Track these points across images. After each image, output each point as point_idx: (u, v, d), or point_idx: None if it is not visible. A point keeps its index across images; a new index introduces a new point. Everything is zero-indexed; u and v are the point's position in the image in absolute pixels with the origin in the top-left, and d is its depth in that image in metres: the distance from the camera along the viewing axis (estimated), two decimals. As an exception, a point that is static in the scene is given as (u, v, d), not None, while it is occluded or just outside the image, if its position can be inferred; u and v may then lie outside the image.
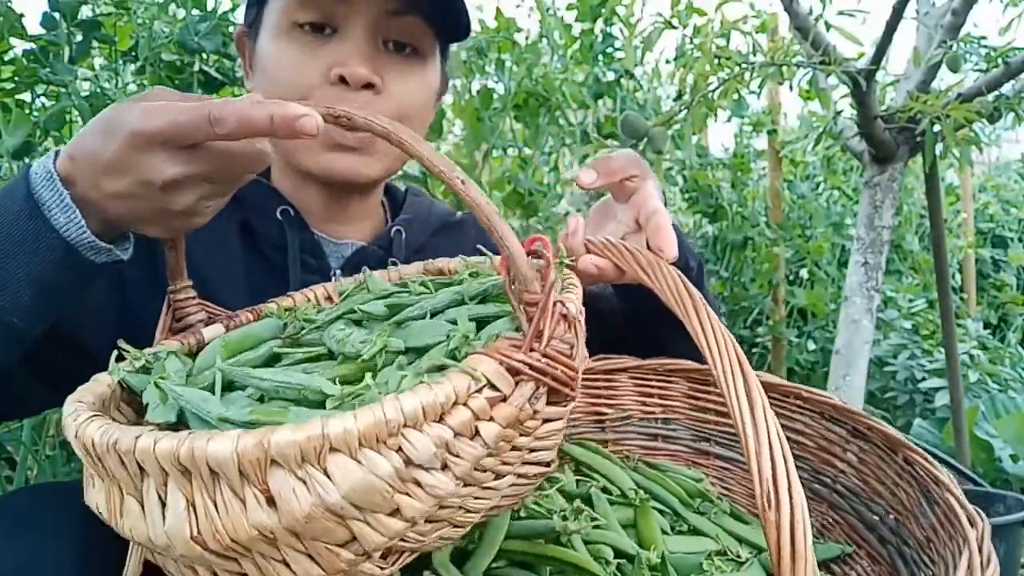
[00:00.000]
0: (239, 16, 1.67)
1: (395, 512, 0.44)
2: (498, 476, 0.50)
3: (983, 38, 1.77)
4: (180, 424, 0.51)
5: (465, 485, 0.47)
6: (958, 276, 4.08)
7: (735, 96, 1.61)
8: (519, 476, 0.52)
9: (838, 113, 1.95)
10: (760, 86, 1.63)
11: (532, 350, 0.47)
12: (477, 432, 0.45)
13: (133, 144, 0.53)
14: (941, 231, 2.01)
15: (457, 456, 0.44)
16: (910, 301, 3.08)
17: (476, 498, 0.49)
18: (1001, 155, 6.49)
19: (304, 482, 0.42)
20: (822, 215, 3.36)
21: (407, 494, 0.44)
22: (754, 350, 3.24)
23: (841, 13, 1.61)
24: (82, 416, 0.48)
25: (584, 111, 2.67)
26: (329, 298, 0.74)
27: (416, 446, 0.42)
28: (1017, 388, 2.87)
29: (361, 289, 0.71)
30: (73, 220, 0.56)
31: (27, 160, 1.51)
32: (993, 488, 1.90)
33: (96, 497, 0.48)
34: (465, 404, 0.44)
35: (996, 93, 1.75)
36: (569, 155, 2.87)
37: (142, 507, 0.45)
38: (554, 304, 0.49)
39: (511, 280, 0.52)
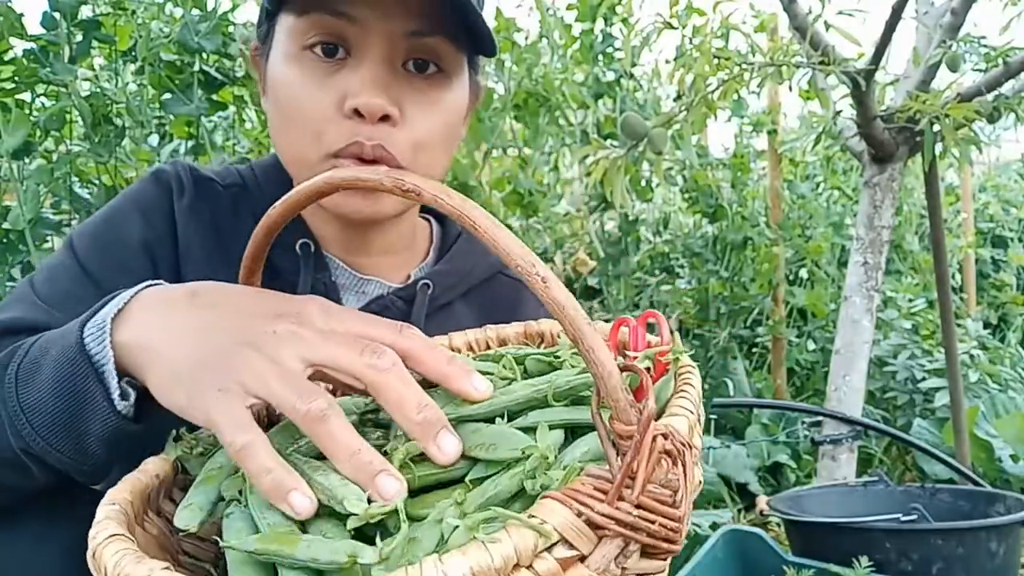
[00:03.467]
0: (239, 16, 1.67)
1: None
2: None
3: (982, 38, 1.77)
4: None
5: None
6: (958, 276, 4.08)
7: (735, 96, 1.61)
8: None
9: (838, 113, 1.95)
10: (759, 86, 1.63)
11: (621, 499, 0.38)
12: None
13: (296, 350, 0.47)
14: (941, 231, 2.01)
15: None
16: (910, 301, 3.08)
17: None
18: (1001, 155, 6.49)
19: None
20: (822, 215, 3.36)
21: None
22: (754, 350, 3.25)
23: (840, 13, 1.61)
24: (104, 533, 0.43)
25: (584, 111, 2.67)
26: None
27: None
28: (1017, 388, 2.87)
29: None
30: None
31: (27, 160, 1.51)
32: (993, 488, 1.91)
33: None
34: (529, 567, 0.36)
35: (996, 93, 1.75)
36: (569, 155, 2.87)
37: None
38: (654, 439, 0.38)
39: (598, 400, 0.41)
